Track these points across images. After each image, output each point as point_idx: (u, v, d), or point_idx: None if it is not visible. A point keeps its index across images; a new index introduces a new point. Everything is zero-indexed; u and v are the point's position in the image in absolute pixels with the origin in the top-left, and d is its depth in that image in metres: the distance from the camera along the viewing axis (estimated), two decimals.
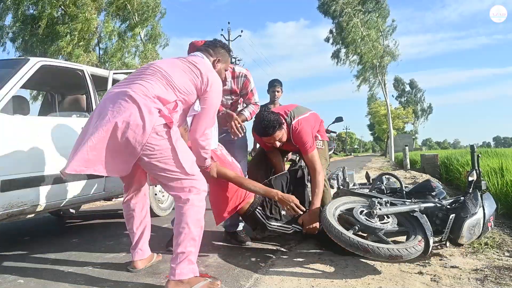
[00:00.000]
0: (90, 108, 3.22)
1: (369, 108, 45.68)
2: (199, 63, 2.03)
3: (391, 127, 25.40)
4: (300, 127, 2.68)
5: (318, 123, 3.02)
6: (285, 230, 2.57)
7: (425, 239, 2.16)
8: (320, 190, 2.60)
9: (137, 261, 2.20)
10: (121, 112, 1.76)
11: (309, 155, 2.68)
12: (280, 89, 4.02)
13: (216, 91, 2.04)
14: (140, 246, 2.21)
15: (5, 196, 2.29)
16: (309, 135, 2.69)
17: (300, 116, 2.77)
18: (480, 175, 2.55)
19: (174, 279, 1.81)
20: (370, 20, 22.20)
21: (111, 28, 14.54)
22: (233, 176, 2.37)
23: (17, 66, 2.67)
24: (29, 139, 2.49)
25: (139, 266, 2.19)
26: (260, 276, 2.08)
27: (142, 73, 1.97)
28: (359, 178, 6.81)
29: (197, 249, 1.90)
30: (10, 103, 2.46)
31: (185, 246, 1.84)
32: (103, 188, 3.07)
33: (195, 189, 1.88)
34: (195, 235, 1.86)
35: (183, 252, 1.83)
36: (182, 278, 1.82)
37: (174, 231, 1.88)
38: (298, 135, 2.68)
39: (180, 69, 1.98)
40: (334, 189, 3.28)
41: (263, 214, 2.55)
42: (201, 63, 2.05)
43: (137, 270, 2.17)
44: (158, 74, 1.93)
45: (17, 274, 2.17)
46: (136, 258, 2.20)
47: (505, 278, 1.97)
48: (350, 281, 1.98)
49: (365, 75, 24.55)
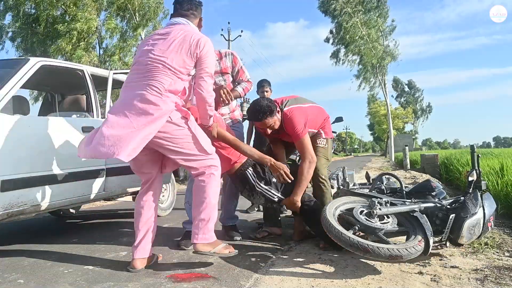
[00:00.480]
0: (90, 108, 3.22)
1: (369, 108, 45.71)
2: (187, 33, 2.17)
3: (391, 127, 25.39)
4: (291, 114, 2.73)
5: (319, 117, 2.98)
6: (271, 196, 2.67)
7: (425, 239, 2.16)
8: (303, 179, 2.65)
9: (136, 259, 2.19)
10: (143, 114, 1.99)
11: (298, 141, 2.72)
12: (269, 88, 4.08)
13: (210, 49, 2.21)
14: (142, 245, 2.23)
15: (5, 196, 2.29)
16: (300, 123, 2.72)
17: (295, 105, 2.81)
18: (480, 175, 2.55)
19: (199, 242, 2.13)
20: (370, 19, 22.18)
21: (113, 25, 14.50)
22: (231, 138, 2.53)
23: (17, 66, 2.67)
24: (29, 139, 2.49)
25: (138, 266, 2.18)
26: (260, 276, 2.08)
27: (147, 70, 2.10)
28: (359, 178, 6.80)
29: (215, 217, 2.22)
30: (10, 103, 2.46)
31: (206, 214, 2.15)
32: (103, 188, 3.07)
33: (214, 167, 2.20)
34: (214, 204, 2.19)
35: (205, 219, 2.15)
36: (207, 242, 2.15)
37: (195, 202, 2.20)
38: (288, 121, 2.73)
39: (174, 50, 2.12)
40: (334, 189, 3.28)
41: (254, 174, 2.65)
42: (188, 32, 2.18)
43: (137, 270, 2.17)
44: (160, 67, 2.08)
45: (17, 274, 2.17)
46: (136, 256, 2.20)
47: (505, 278, 1.97)
48: (350, 281, 1.98)
49: (365, 75, 24.54)
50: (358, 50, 22.55)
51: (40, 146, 2.54)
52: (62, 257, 2.51)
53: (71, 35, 13.32)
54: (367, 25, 22.02)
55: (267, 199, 2.70)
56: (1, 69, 2.76)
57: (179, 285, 1.95)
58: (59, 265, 2.33)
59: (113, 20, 14.56)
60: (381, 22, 22.29)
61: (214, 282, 1.98)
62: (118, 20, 15.27)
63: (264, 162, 2.55)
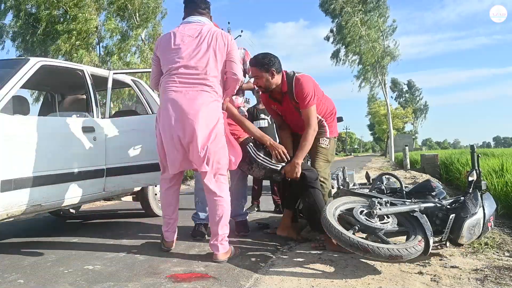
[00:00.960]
0: (90, 108, 3.22)
1: (369, 108, 45.71)
2: (214, 33, 2.37)
3: (391, 127, 25.38)
4: (303, 79, 2.71)
5: (327, 104, 2.93)
6: (270, 165, 2.74)
7: (425, 239, 2.16)
8: (305, 143, 2.67)
9: (173, 241, 2.60)
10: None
11: (306, 110, 2.71)
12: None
13: (234, 42, 2.45)
14: (175, 229, 2.61)
15: (5, 196, 2.29)
16: (311, 90, 2.70)
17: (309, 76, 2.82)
18: (480, 175, 2.55)
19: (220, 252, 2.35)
20: (370, 19, 22.17)
21: (113, 26, 14.50)
22: (236, 114, 2.81)
23: (17, 66, 2.67)
24: (29, 139, 2.49)
25: (173, 246, 2.60)
26: (260, 276, 2.08)
27: (185, 83, 2.29)
28: (359, 178, 6.80)
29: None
30: (10, 103, 2.46)
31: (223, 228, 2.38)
32: (103, 188, 3.07)
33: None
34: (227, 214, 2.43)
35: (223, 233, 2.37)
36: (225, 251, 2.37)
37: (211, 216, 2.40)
38: (300, 85, 2.70)
39: (206, 56, 2.32)
40: (334, 189, 3.28)
41: (254, 148, 2.77)
42: (213, 33, 2.37)
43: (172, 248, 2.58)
44: (197, 81, 2.30)
45: (17, 274, 2.17)
46: (173, 238, 2.60)
47: (505, 278, 1.97)
48: (350, 281, 1.98)
49: (365, 75, 24.55)
50: (358, 49, 22.55)
51: (40, 146, 2.54)
52: (62, 257, 2.51)
53: (70, 35, 13.32)
54: (368, 26, 22.01)
55: (267, 170, 2.74)
56: (1, 69, 2.76)
57: (179, 285, 1.95)
58: (59, 265, 2.33)
59: (113, 20, 14.56)
60: (381, 22, 22.29)
61: (214, 282, 1.98)
62: (118, 20, 15.27)
63: (264, 140, 2.74)
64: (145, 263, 2.34)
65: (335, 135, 2.98)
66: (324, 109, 2.89)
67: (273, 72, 2.69)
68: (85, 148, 2.88)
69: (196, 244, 2.79)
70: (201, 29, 2.36)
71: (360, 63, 23.69)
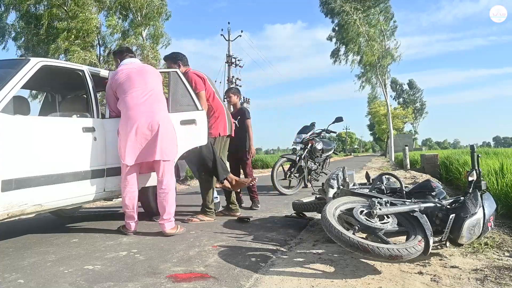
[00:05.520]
0: (90, 108, 3.22)
1: (369, 108, 45.69)
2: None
3: (391, 127, 25.33)
4: (190, 73, 3.79)
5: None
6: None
7: (425, 239, 2.16)
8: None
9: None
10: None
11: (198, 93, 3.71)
12: (231, 94, 4.90)
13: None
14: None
15: (5, 196, 2.30)
16: (199, 80, 3.75)
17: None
18: (480, 175, 2.55)
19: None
20: (369, 16, 22.11)
21: (114, 23, 14.47)
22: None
23: (17, 66, 2.68)
24: (29, 139, 2.49)
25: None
26: (260, 276, 2.08)
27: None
28: (359, 178, 6.79)
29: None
30: (11, 103, 2.46)
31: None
32: (103, 188, 3.07)
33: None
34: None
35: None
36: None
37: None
38: (187, 75, 3.74)
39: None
40: (334, 189, 3.28)
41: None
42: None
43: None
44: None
45: (17, 274, 2.17)
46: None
47: (505, 278, 1.97)
48: (350, 281, 1.98)
49: (367, 75, 24.51)
50: (358, 49, 22.52)
51: (40, 146, 2.54)
52: (62, 257, 2.51)
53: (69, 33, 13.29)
54: (368, 24, 21.96)
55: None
56: (2, 69, 2.76)
57: (179, 285, 1.95)
58: (59, 265, 2.33)
59: (114, 17, 14.55)
60: (382, 21, 22.23)
61: (214, 282, 1.98)
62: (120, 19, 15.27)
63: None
64: (145, 263, 2.34)
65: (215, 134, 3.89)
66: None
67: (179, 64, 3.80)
68: (86, 148, 2.89)
69: (196, 244, 2.80)
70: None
71: (360, 63, 23.66)
